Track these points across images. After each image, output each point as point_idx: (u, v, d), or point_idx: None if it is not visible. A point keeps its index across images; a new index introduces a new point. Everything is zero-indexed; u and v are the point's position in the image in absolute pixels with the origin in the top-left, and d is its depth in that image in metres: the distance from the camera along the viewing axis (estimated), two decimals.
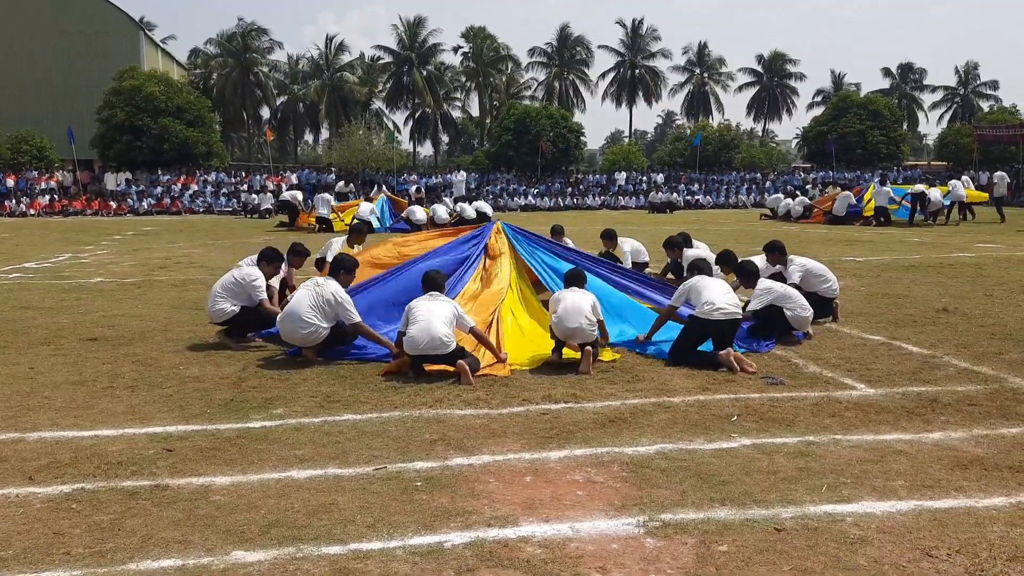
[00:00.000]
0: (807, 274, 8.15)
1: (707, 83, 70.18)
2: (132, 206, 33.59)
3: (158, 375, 6.21)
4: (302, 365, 6.49)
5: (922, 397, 5.50)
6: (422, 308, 6.23)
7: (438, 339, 6.02)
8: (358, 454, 4.46)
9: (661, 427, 4.88)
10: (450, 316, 6.21)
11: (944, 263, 13.26)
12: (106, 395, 5.66)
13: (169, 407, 5.37)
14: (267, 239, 19.79)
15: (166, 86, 38.90)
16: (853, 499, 3.79)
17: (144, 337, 7.62)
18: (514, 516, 3.63)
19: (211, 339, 7.36)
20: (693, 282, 6.85)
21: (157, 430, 4.88)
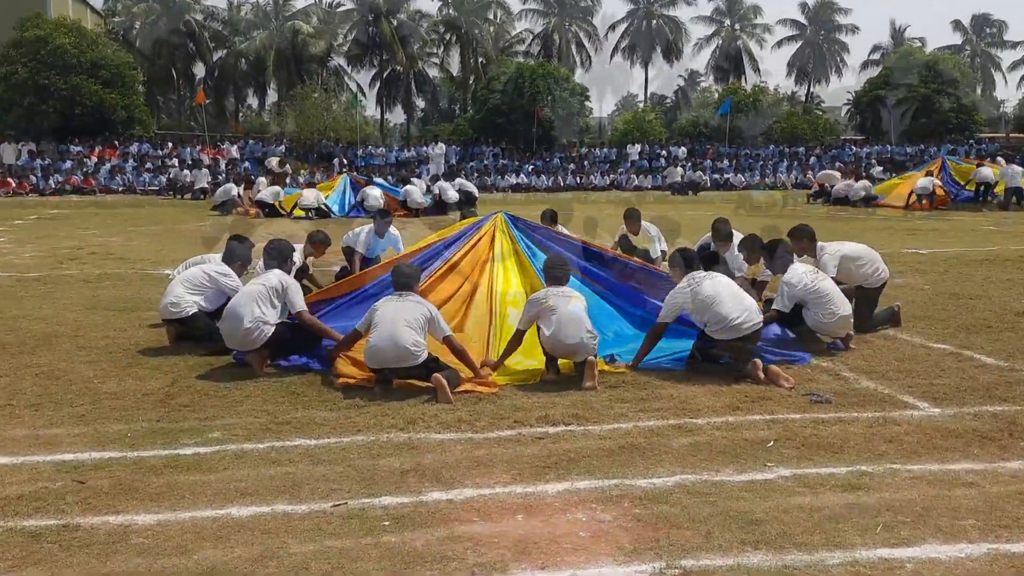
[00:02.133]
0: (844, 261, 8.02)
1: (739, 37, 70.29)
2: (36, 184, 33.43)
3: (67, 391, 6.19)
4: (245, 378, 6.48)
5: (998, 418, 5.56)
6: (387, 311, 6.25)
7: (404, 349, 6.05)
8: (312, 487, 4.46)
9: (682, 455, 4.91)
10: (421, 320, 6.22)
11: None
12: (2, 415, 5.65)
13: (81, 430, 5.36)
14: (202, 225, 19.75)
15: (78, 37, 38.63)
16: (914, 541, 3.83)
17: (50, 344, 7.60)
18: (503, 562, 3.65)
19: (131, 344, 7.35)
20: (691, 294, 6.69)
21: (66, 458, 4.87)
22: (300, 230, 13.02)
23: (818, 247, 8.16)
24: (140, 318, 8.68)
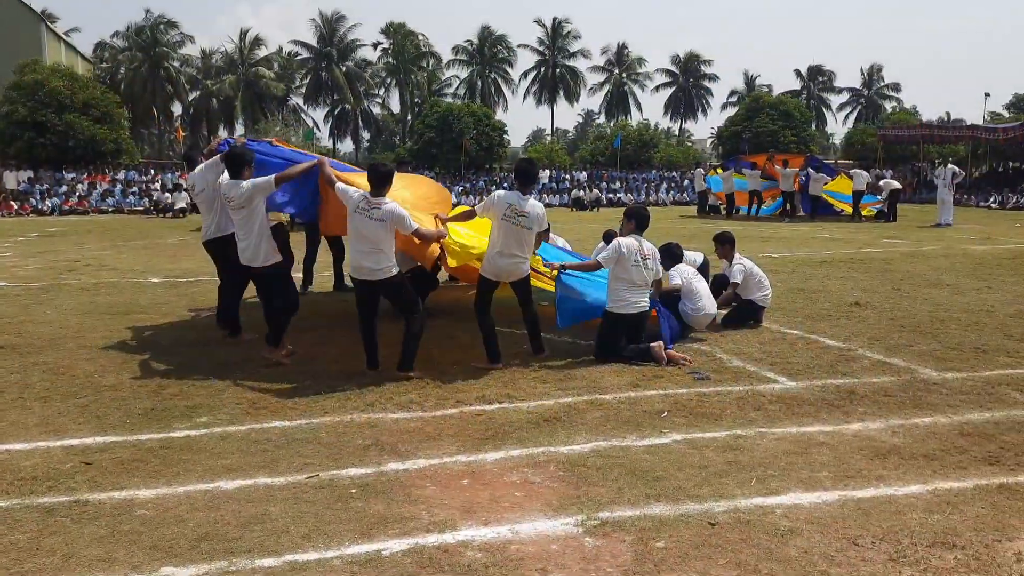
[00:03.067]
0: (749, 277, 8.04)
1: (626, 83, 71.20)
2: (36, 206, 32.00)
3: (72, 384, 5.93)
4: (226, 371, 6.30)
5: (840, 389, 5.71)
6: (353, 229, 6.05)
7: (365, 268, 6.02)
8: (289, 462, 4.36)
9: (595, 425, 4.93)
10: (383, 238, 5.97)
11: (854, 258, 13.81)
12: (16, 407, 5.38)
13: (85, 418, 5.14)
14: (183, 239, 19.16)
15: (71, 80, 37.07)
16: (781, 491, 3.91)
17: (55, 344, 7.26)
18: (453, 520, 3.61)
19: (127, 343, 7.09)
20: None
21: (73, 442, 4.67)
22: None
23: (735, 256, 8.22)
24: (133, 320, 8.36)
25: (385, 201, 5.99)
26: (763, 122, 48.74)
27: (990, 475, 4.09)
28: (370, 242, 6.00)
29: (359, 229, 6.02)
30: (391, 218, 5.94)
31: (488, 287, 6.48)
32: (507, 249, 6.32)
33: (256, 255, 6.56)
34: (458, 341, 7.31)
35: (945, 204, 21.79)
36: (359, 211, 5.98)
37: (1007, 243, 16.51)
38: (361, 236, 6.03)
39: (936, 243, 16.48)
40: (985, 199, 33.64)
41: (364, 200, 6.00)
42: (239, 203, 6.47)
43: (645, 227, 6.81)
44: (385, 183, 6.02)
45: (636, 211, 6.91)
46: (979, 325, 7.86)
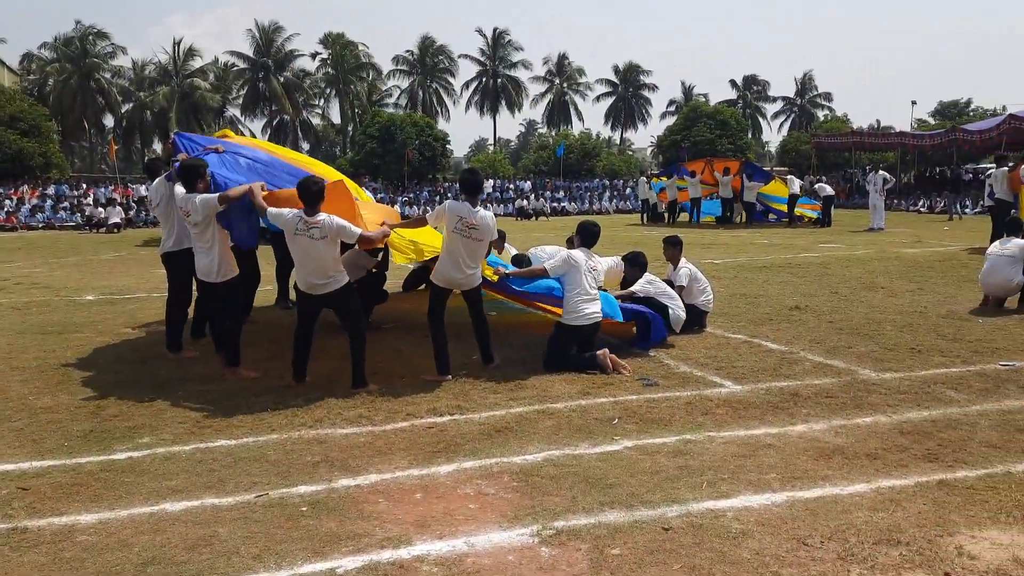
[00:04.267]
0: (693, 281, 8.15)
1: (567, 93, 71.85)
2: None
3: (5, 407, 5.70)
4: (167, 389, 6.14)
5: (784, 391, 5.83)
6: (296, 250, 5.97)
7: (314, 284, 5.97)
8: (236, 481, 4.26)
9: (547, 434, 4.94)
10: (329, 254, 5.92)
11: (792, 263, 14.15)
12: None
13: (21, 442, 4.95)
14: (118, 255, 18.65)
15: None
16: (732, 494, 3.97)
17: None
18: (407, 535, 3.58)
19: (62, 363, 6.86)
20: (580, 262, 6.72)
21: (9, 468, 4.49)
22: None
23: (681, 261, 8.29)
24: (67, 340, 8.09)
25: (321, 217, 5.89)
26: (701, 131, 49.74)
27: (930, 472, 4.22)
28: (316, 261, 5.92)
29: (304, 251, 5.93)
30: (332, 232, 5.87)
31: (440, 295, 6.46)
32: (459, 260, 6.31)
33: (212, 270, 6.44)
34: (406, 353, 7.26)
35: (877, 209, 22.48)
36: (299, 233, 5.88)
37: (936, 246, 17.12)
38: (307, 257, 5.94)
39: (870, 247, 17.00)
40: (914, 203, 34.84)
41: (301, 221, 5.88)
42: (194, 219, 6.35)
43: (593, 242, 6.88)
44: (318, 200, 5.91)
45: (584, 226, 6.97)
46: (913, 326, 8.13)
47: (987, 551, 3.32)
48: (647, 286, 7.62)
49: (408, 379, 6.34)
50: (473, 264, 6.41)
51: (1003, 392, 5.71)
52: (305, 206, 5.91)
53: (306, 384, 6.15)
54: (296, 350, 6.20)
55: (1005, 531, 3.50)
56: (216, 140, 7.99)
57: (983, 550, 3.33)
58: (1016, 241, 9.04)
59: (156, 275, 13.81)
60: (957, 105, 64.34)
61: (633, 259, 7.89)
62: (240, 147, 8.07)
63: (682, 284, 8.02)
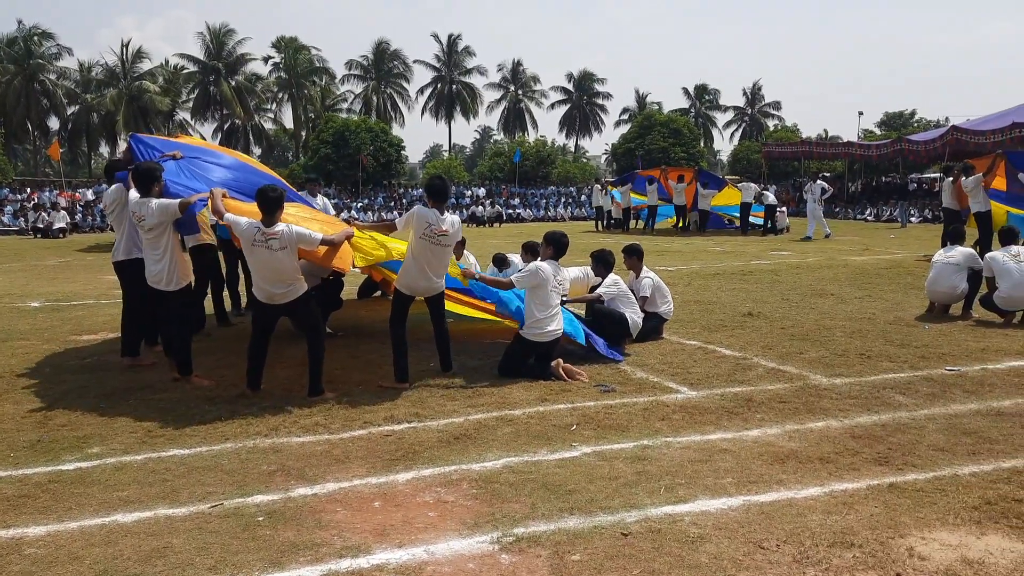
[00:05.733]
0: (656, 290, 8.21)
1: (522, 100, 72.19)
2: None
3: None
4: (117, 398, 6.00)
5: (739, 397, 5.92)
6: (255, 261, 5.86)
7: (273, 294, 5.89)
8: (190, 491, 4.18)
9: (505, 441, 4.94)
10: (289, 264, 5.83)
11: (744, 270, 14.39)
12: None
13: None
14: (64, 260, 18.18)
15: None
16: (689, 499, 4.02)
17: None
18: (366, 544, 3.54)
19: (7, 371, 6.65)
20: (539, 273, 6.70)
21: None
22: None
23: (643, 270, 8.35)
24: (12, 348, 7.86)
25: (279, 227, 5.81)
26: (655, 139, 50.38)
27: (881, 475, 4.32)
28: (275, 272, 5.84)
29: (262, 263, 5.83)
30: (292, 242, 5.80)
31: (404, 301, 6.43)
32: (425, 267, 6.30)
33: (164, 277, 6.32)
34: (362, 360, 7.22)
35: (814, 218, 22.79)
36: (257, 244, 5.78)
37: (883, 253, 17.57)
38: (266, 268, 5.84)
39: (819, 255, 17.36)
40: (861, 212, 35.72)
41: (259, 232, 5.78)
42: (149, 224, 6.22)
43: (562, 253, 6.92)
44: (276, 208, 5.82)
45: (555, 238, 6.96)
46: (862, 332, 8.32)
47: (937, 552, 3.41)
48: (611, 288, 7.65)
49: (365, 387, 6.30)
50: (439, 271, 6.40)
51: (949, 396, 5.87)
52: (263, 215, 5.82)
53: (261, 393, 6.06)
54: (251, 359, 6.11)
55: (953, 532, 3.60)
56: (175, 144, 7.85)
57: (933, 551, 3.42)
58: (960, 249, 9.32)
59: (104, 281, 13.52)
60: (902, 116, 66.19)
61: (600, 257, 7.91)
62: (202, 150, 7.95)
63: (646, 295, 8.09)
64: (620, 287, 7.73)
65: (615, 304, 7.63)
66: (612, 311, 7.55)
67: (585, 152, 78.13)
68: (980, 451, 4.67)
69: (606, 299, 7.63)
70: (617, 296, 7.65)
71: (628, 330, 7.56)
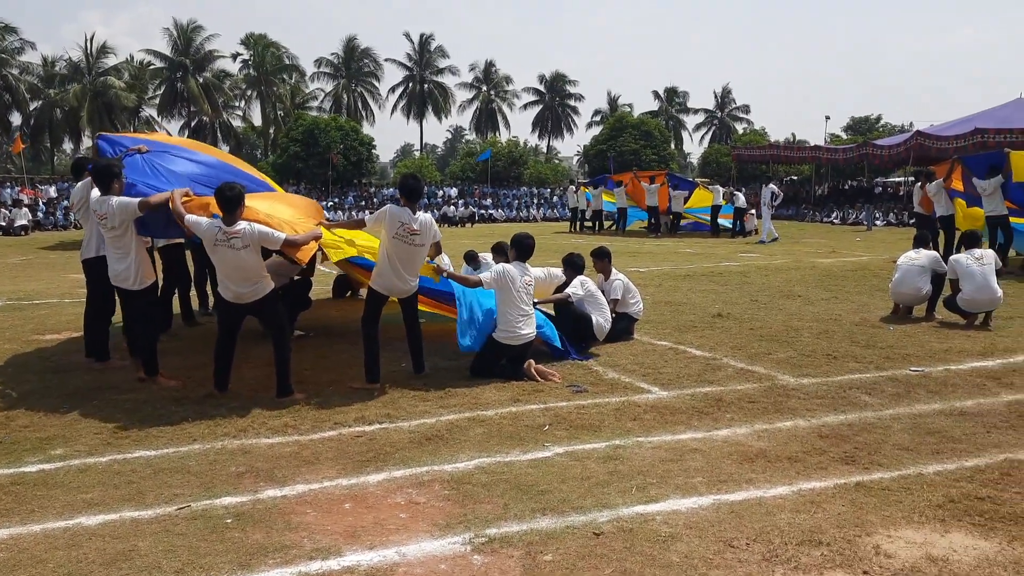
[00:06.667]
0: (626, 291, 8.24)
1: (494, 100, 72.17)
2: None
3: None
4: (81, 399, 5.90)
5: (709, 397, 5.97)
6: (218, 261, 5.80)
7: (239, 294, 5.83)
8: (157, 493, 4.12)
9: (478, 441, 4.94)
10: (253, 262, 5.77)
11: (714, 272, 14.53)
12: None
13: None
14: (26, 259, 17.84)
15: None
16: (660, 498, 4.04)
17: None
18: (337, 546, 3.52)
19: None
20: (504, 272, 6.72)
21: None
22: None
23: (612, 272, 8.37)
24: None
25: (241, 225, 5.74)
26: (626, 141, 50.68)
27: (848, 474, 4.39)
28: (239, 270, 5.77)
29: (225, 262, 5.77)
30: (254, 240, 5.74)
31: (378, 301, 6.39)
32: (399, 267, 6.26)
33: (129, 276, 6.22)
34: (332, 361, 7.17)
35: (765, 222, 22.93)
36: (219, 244, 5.72)
37: (849, 256, 17.82)
38: (230, 268, 5.78)
39: (787, 257, 17.58)
40: (828, 215, 36.21)
41: (220, 231, 5.71)
42: (111, 223, 6.12)
43: (527, 255, 6.92)
44: (236, 206, 5.74)
45: (519, 240, 6.96)
46: (829, 333, 8.43)
47: (902, 550, 3.47)
48: (578, 290, 7.67)
49: (335, 387, 6.25)
50: (413, 271, 6.38)
51: (914, 396, 5.97)
52: (223, 214, 5.75)
53: (229, 393, 6.00)
54: (217, 359, 6.04)
55: (918, 530, 3.66)
56: (140, 140, 7.73)
57: (898, 549, 3.47)
58: (924, 252, 9.48)
59: (67, 279, 13.29)
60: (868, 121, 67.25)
61: (569, 260, 7.95)
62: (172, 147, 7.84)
63: (616, 297, 8.12)
64: (588, 289, 7.75)
65: (583, 306, 7.65)
66: (579, 311, 7.58)
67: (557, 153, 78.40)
68: (944, 450, 4.76)
69: (573, 299, 7.64)
70: (585, 298, 7.68)
71: (592, 332, 7.59)
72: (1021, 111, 29.56)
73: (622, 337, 8.10)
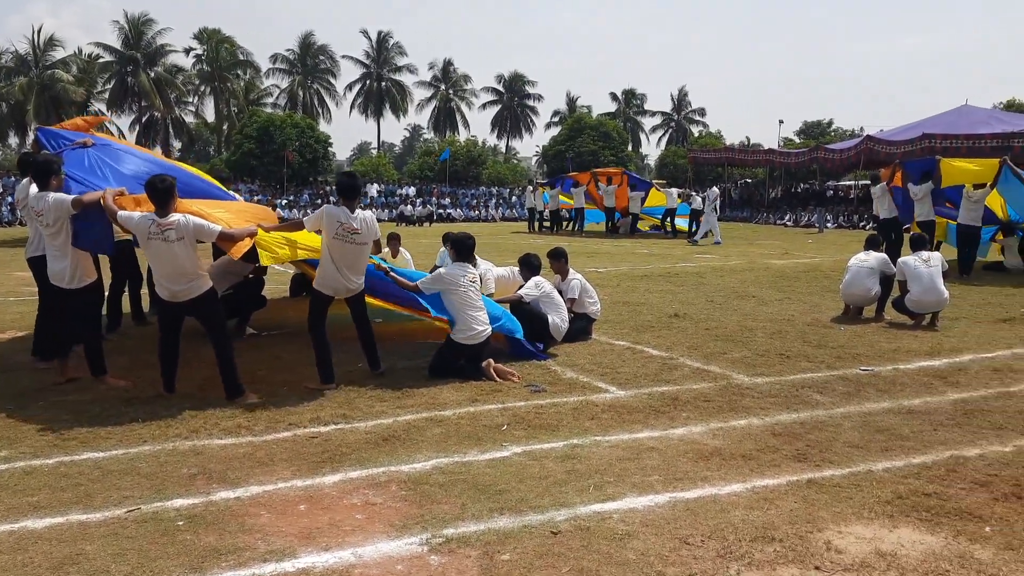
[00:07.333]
0: (583, 292, 8.27)
1: (452, 99, 72.03)
2: None
3: None
4: (27, 399, 5.74)
5: (665, 396, 6.03)
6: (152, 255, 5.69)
7: (174, 292, 5.71)
8: (105, 496, 4.03)
9: (435, 441, 4.92)
10: (188, 256, 5.65)
11: (671, 272, 14.68)
12: None
13: None
14: None
15: None
16: (617, 496, 4.07)
17: None
18: (291, 548, 3.48)
19: None
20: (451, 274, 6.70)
21: None
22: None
23: (569, 272, 8.37)
24: None
25: (174, 217, 5.64)
26: (585, 142, 51.01)
27: (800, 471, 4.47)
28: (174, 265, 5.65)
29: (160, 256, 5.65)
30: (188, 232, 5.63)
31: (322, 302, 6.31)
32: (343, 267, 6.19)
33: (65, 275, 6.07)
34: (287, 361, 7.09)
35: (707, 224, 23.20)
36: (153, 237, 5.60)
37: (802, 257, 18.17)
38: (164, 262, 5.66)
39: (741, 258, 17.85)
40: (781, 217, 36.86)
41: (153, 224, 5.60)
42: (46, 219, 5.97)
43: (467, 256, 6.91)
44: (168, 198, 5.64)
45: (456, 239, 6.95)
46: (782, 333, 8.58)
47: (852, 545, 3.54)
48: (533, 291, 7.69)
49: (290, 388, 6.17)
50: (357, 271, 6.31)
51: (863, 395, 6.11)
52: (156, 207, 5.65)
53: (180, 394, 5.89)
54: (162, 360, 5.92)
55: (868, 526, 3.75)
56: (84, 135, 7.55)
57: (849, 544, 3.55)
58: (874, 254, 9.70)
59: (12, 278, 12.95)
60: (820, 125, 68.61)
61: (525, 260, 7.98)
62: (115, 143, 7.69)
63: (574, 296, 8.15)
64: (544, 290, 7.75)
65: (539, 306, 7.66)
66: (535, 311, 7.59)
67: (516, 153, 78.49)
68: (892, 447, 4.87)
69: (527, 299, 7.65)
70: (541, 298, 7.68)
71: (549, 332, 7.61)
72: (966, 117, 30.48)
73: (580, 337, 8.13)
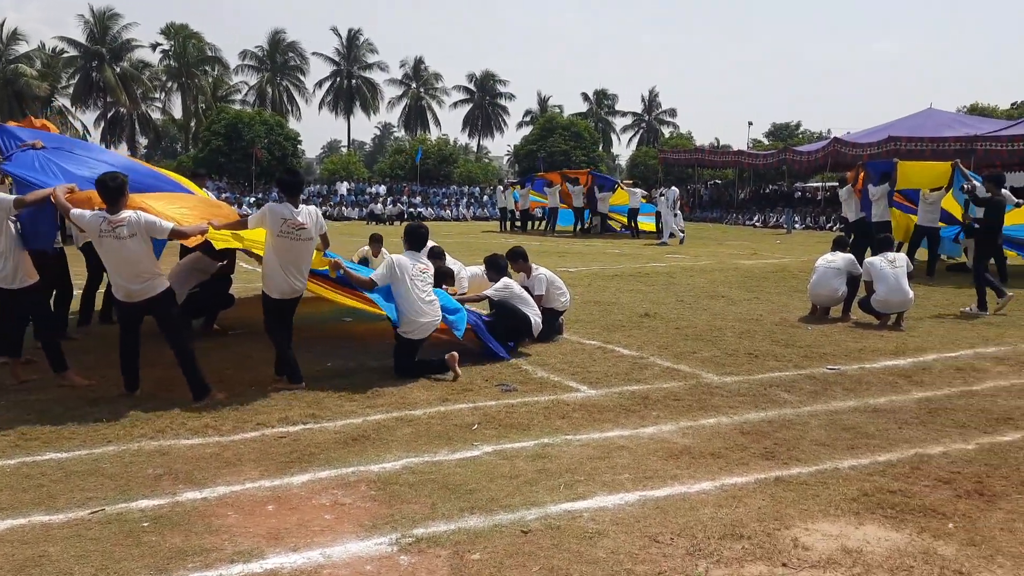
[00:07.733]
0: (550, 285, 8.29)
1: (424, 98, 71.84)
2: None
3: None
4: None
5: (635, 395, 6.06)
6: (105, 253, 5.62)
7: (131, 291, 5.63)
8: (68, 497, 3.97)
9: (405, 441, 4.90)
10: (142, 253, 5.59)
11: (641, 272, 14.77)
12: None
13: None
14: None
15: None
16: (588, 495, 4.08)
17: None
18: (259, 549, 3.45)
19: None
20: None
21: None
22: None
23: (532, 268, 8.37)
24: None
25: (126, 214, 5.57)
26: (556, 142, 51.12)
27: (768, 469, 4.52)
28: (128, 263, 5.58)
29: (113, 254, 5.58)
30: (140, 229, 5.55)
31: (274, 306, 6.23)
32: (288, 265, 6.11)
33: (8, 275, 5.96)
34: (255, 360, 7.01)
35: (667, 224, 23.36)
36: (104, 235, 5.53)
37: (770, 258, 18.37)
38: (118, 260, 5.59)
39: (711, 258, 18.00)
40: (750, 218, 37.23)
41: (104, 222, 5.53)
42: None
43: (419, 245, 6.89)
44: (119, 195, 5.58)
45: (409, 229, 7.00)
46: (750, 333, 8.67)
47: (819, 542, 3.59)
48: (503, 291, 7.67)
49: (258, 387, 6.11)
50: (302, 268, 6.21)
51: (830, 394, 6.19)
52: (107, 205, 5.58)
53: (145, 394, 5.81)
54: (123, 359, 5.85)
55: (834, 523, 3.80)
56: (39, 133, 7.39)
57: (815, 541, 3.59)
58: (841, 255, 9.84)
59: None
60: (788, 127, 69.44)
61: (492, 262, 7.97)
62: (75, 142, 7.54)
63: (541, 292, 8.15)
64: (512, 290, 7.72)
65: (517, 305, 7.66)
66: (516, 309, 7.58)
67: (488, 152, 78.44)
68: (858, 446, 4.94)
69: (496, 299, 7.65)
70: (509, 299, 7.67)
71: (531, 329, 7.62)
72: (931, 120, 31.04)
73: (552, 333, 8.15)
